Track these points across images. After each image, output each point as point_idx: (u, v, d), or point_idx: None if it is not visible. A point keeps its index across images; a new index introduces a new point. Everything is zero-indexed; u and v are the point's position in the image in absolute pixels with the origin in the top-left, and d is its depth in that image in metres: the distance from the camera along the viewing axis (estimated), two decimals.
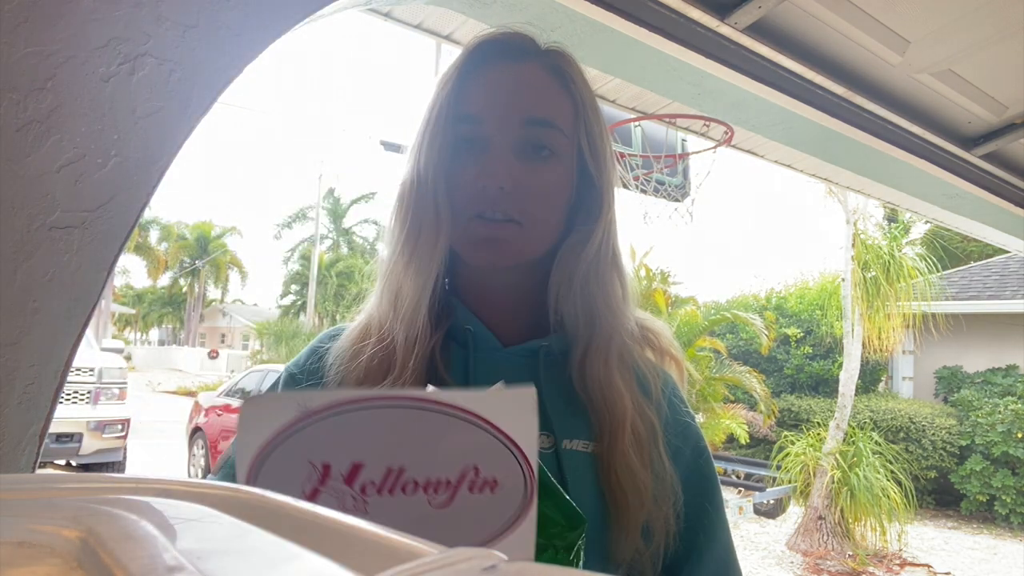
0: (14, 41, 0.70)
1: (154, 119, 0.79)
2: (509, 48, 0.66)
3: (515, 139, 0.63)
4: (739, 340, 10.55)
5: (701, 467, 0.69)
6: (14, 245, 0.72)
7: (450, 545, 0.19)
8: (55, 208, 0.74)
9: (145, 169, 0.80)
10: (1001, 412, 7.89)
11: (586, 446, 0.63)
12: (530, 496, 0.40)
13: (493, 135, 0.63)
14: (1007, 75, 1.94)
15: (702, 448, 0.70)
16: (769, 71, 1.83)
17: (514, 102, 0.64)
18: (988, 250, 10.85)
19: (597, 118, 0.68)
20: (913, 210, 3.34)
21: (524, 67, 0.65)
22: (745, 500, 6.41)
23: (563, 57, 0.68)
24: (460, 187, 0.64)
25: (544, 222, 0.65)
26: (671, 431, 0.68)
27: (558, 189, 0.65)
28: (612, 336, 0.66)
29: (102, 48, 0.75)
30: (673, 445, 0.67)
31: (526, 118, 0.63)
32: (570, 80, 0.67)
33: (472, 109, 0.64)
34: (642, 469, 0.61)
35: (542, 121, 0.64)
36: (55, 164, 0.74)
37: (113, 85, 0.76)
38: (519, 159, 0.63)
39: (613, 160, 0.69)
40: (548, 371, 0.66)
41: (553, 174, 0.65)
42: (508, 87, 0.64)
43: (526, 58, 0.66)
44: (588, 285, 0.66)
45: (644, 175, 4.38)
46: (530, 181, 0.63)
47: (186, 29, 0.80)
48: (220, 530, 0.22)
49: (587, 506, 0.59)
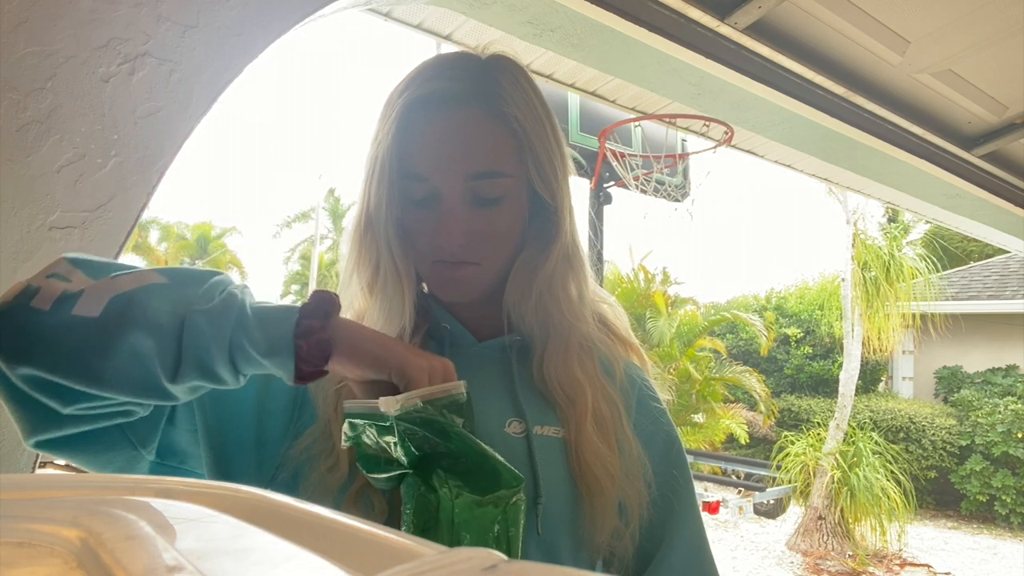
0: (14, 41, 0.70)
1: (154, 119, 0.79)
2: (443, 96, 0.64)
3: (463, 193, 0.63)
4: (739, 340, 10.55)
5: (671, 454, 0.71)
6: (14, 245, 0.72)
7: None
8: (55, 208, 0.74)
9: (145, 169, 0.80)
10: (1001, 412, 7.89)
11: (557, 432, 0.66)
12: None
13: (442, 190, 0.63)
14: (1007, 75, 1.94)
15: (672, 435, 0.72)
16: (769, 71, 1.83)
17: (458, 157, 0.63)
18: (988, 250, 10.85)
19: (544, 140, 0.67)
20: (913, 210, 3.34)
21: (462, 115, 0.64)
22: (745, 500, 6.40)
23: (500, 89, 0.65)
24: (417, 239, 0.65)
25: (502, 258, 0.67)
26: (641, 413, 0.71)
27: (512, 226, 0.67)
28: (569, 334, 0.69)
29: (102, 48, 0.75)
30: (643, 428, 0.70)
31: (471, 173, 0.63)
32: (511, 117, 0.64)
33: (417, 168, 0.64)
34: (608, 451, 0.64)
35: (487, 173, 0.64)
36: (55, 164, 0.74)
37: (113, 85, 0.76)
38: (470, 209, 0.64)
39: (566, 171, 0.69)
40: (520, 362, 0.69)
41: (506, 215, 0.65)
42: (449, 141, 0.63)
43: (462, 104, 0.64)
44: (543, 297, 0.68)
45: (644, 175, 4.38)
46: (484, 228, 0.64)
47: (186, 29, 0.80)
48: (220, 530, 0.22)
49: (561, 488, 0.62)
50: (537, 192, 0.67)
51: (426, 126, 0.64)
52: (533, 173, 0.66)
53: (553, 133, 0.68)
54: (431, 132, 0.63)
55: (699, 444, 8.59)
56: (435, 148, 0.63)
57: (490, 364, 0.69)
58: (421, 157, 0.63)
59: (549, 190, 0.67)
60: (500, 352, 0.70)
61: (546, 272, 0.68)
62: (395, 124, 0.64)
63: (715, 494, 6.60)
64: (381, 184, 0.64)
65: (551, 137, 0.68)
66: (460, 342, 0.70)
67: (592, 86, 2.44)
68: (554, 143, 0.68)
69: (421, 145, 0.63)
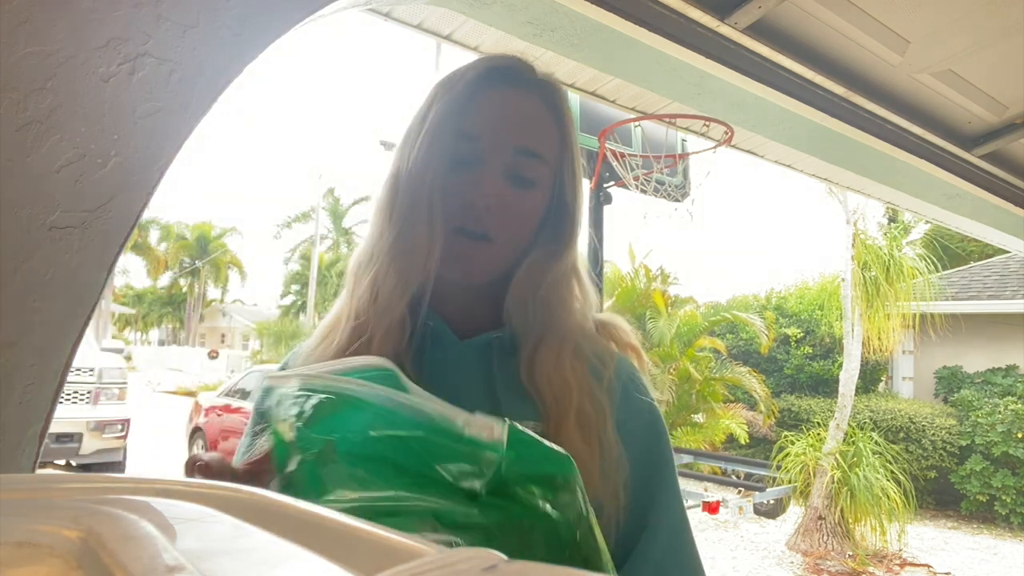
0: (14, 41, 0.70)
1: (154, 119, 0.79)
2: (514, 75, 0.71)
3: (506, 163, 0.68)
4: (739, 340, 10.55)
5: (653, 445, 0.71)
6: (14, 245, 0.72)
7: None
8: (55, 208, 0.74)
9: (145, 169, 0.80)
10: (1001, 412, 7.89)
11: (535, 427, 0.66)
12: None
13: (488, 155, 0.68)
14: (1007, 75, 1.94)
15: (658, 428, 0.73)
16: (769, 71, 1.83)
17: (511, 129, 0.69)
18: (988, 250, 10.85)
19: (577, 151, 0.74)
20: (913, 210, 3.34)
21: (524, 97, 0.70)
22: (745, 500, 6.40)
23: (557, 92, 0.73)
24: (450, 195, 0.68)
25: (515, 242, 0.71)
26: (624, 410, 0.71)
27: (534, 214, 0.71)
28: (566, 336, 0.70)
29: (102, 48, 0.75)
30: (624, 424, 0.69)
31: (520, 147, 0.68)
32: (562, 115, 0.72)
33: (472, 128, 0.68)
34: (587, 449, 0.64)
35: (533, 152, 0.69)
36: (55, 164, 0.74)
37: (113, 85, 0.76)
38: (507, 181, 0.68)
39: (583, 185, 0.75)
40: (501, 360, 0.70)
41: (533, 201, 0.70)
42: (508, 113, 0.69)
43: (527, 88, 0.71)
44: (548, 300, 0.71)
45: (644, 175, 4.38)
46: (513, 205, 0.68)
47: (186, 29, 0.80)
48: (220, 530, 0.22)
49: None
50: (564, 193, 0.72)
51: (492, 92, 0.69)
52: (566, 173, 0.72)
53: (579, 149, 0.75)
54: (496, 98, 0.69)
55: (699, 444, 8.59)
56: (494, 116, 0.69)
57: (469, 362, 0.70)
58: (480, 118, 0.68)
59: (574, 194, 0.73)
60: (481, 350, 0.71)
61: (557, 273, 0.71)
62: (463, 88, 0.69)
63: (715, 494, 6.60)
64: (433, 143, 0.68)
65: (579, 150, 0.74)
66: (442, 341, 0.72)
67: (592, 86, 2.44)
68: (579, 160, 0.74)
69: (483, 108, 0.69)
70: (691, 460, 8.11)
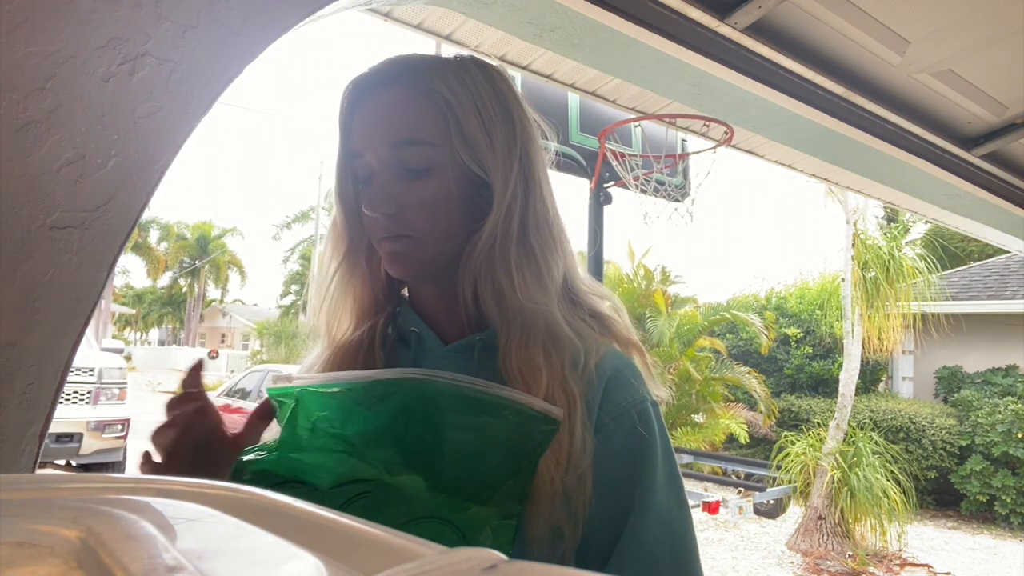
0: (14, 41, 0.70)
1: (154, 119, 0.79)
2: (376, 78, 0.70)
3: (391, 163, 0.68)
4: (739, 340, 10.55)
5: (636, 444, 0.68)
6: (14, 245, 0.72)
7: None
8: (55, 208, 0.74)
9: (145, 169, 0.80)
10: (1001, 412, 7.89)
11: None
12: None
13: (373, 165, 0.69)
14: (1007, 75, 1.94)
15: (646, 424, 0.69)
16: (769, 71, 1.83)
17: (382, 129, 0.68)
18: (988, 250, 10.86)
19: (474, 115, 0.68)
20: (913, 210, 3.34)
21: (390, 92, 0.69)
22: (745, 500, 6.40)
23: (435, 72, 0.69)
24: (365, 214, 0.70)
25: (437, 231, 0.69)
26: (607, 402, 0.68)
27: (442, 198, 0.69)
28: (530, 321, 0.67)
29: (102, 48, 0.75)
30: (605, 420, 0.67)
31: (392, 142, 0.68)
32: (435, 91, 0.68)
33: (355, 146, 0.70)
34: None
35: (407, 141, 0.68)
36: (55, 164, 0.74)
37: (113, 85, 0.76)
38: (398, 180, 0.68)
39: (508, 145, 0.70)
40: (482, 363, 0.70)
41: (431, 186, 0.68)
42: (377, 116, 0.69)
43: (394, 83, 0.69)
44: (495, 276, 0.68)
45: (644, 175, 4.37)
46: (411, 198, 0.68)
47: (186, 29, 0.80)
48: (220, 530, 0.22)
49: None
50: (467, 166, 0.69)
51: (363, 105, 0.70)
52: (459, 144, 0.68)
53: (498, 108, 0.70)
54: (367, 108, 0.70)
55: (699, 444, 8.59)
56: (367, 122, 0.70)
57: (453, 367, 0.68)
58: (357, 134, 0.70)
59: (481, 161, 0.69)
60: (465, 353, 0.71)
61: (484, 249, 0.68)
62: (342, 115, 0.73)
63: (715, 494, 6.61)
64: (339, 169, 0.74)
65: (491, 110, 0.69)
66: (428, 346, 0.73)
67: (592, 86, 2.44)
68: (494, 117, 0.69)
69: (358, 123, 0.71)
70: (691, 460, 8.12)
